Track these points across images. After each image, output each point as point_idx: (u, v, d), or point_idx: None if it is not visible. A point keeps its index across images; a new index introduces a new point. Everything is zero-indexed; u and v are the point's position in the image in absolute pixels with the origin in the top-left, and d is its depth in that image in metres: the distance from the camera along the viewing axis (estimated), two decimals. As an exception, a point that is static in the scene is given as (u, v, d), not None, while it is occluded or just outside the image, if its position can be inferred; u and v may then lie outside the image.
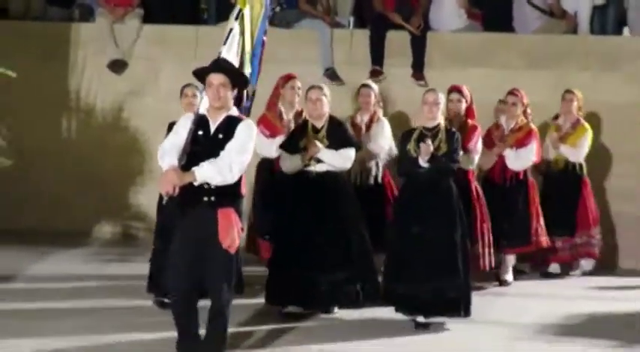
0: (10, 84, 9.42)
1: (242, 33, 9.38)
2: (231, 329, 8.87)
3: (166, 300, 9.87)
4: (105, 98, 15.12)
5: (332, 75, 14.80)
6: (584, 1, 15.86)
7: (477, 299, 11.27)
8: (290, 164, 10.37)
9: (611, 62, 15.02)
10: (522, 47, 15.32)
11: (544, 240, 12.76)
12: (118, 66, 15.15)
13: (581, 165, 13.33)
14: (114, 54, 15.18)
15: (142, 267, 11.10)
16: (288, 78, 11.84)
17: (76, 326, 9.90)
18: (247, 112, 9.57)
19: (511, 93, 12.70)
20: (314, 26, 15.46)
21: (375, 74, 14.68)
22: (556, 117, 13.50)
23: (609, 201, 14.65)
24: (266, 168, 11.85)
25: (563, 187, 13.23)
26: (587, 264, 13.49)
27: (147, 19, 15.48)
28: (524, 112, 12.76)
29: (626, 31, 16.09)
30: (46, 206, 14.70)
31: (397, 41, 15.21)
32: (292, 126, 11.40)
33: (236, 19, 9.38)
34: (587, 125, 13.39)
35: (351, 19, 15.91)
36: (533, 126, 12.62)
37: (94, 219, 14.56)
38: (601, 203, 14.41)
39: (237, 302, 10.59)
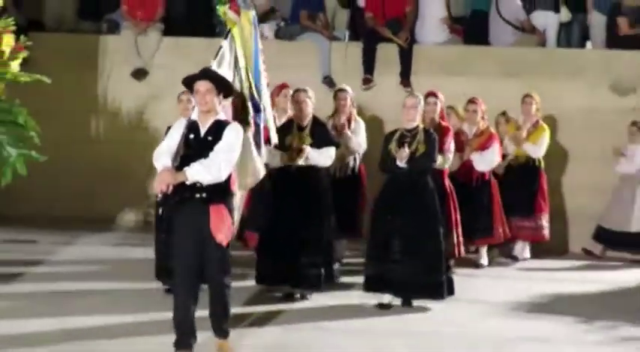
0: (46, 89, 9.39)
1: (233, 50, 9.42)
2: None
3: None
4: (129, 102, 15.14)
5: (329, 82, 14.83)
6: (551, 19, 15.95)
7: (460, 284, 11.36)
8: (274, 159, 10.26)
9: (575, 72, 15.07)
10: (497, 58, 15.36)
11: (507, 231, 12.91)
12: (140, 74, 15.18)
13: (539, 160, 13.41)
14: (137, 63, 15.20)
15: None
16: (282, 87, 11.69)
17: (94, 305, 9.95)
18: (262, 126, 9.68)
19: (471, 101, 12.73)
20: (314, 39, 15.48)
21: (367, 82, 14.79)
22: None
23: (564, 194, 14.78)
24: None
25: (523, 179, 13.28)
26: (522, 247, 13.61)
27: (166, 32, 15.50)
28: (483, 118, 12.77)
29: (588, 44, 16.17)
30: (77, 195, 14.71)
31: (387, 53, 15.23)
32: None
33: (225, 38, 9.43)
34: (545, 125, 13.48)
35: (347, 33, 15.86)
36: (492, 129, 12.69)
37: (119, 207, 14.59)
38: (557, 196, 14.56)
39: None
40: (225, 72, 8.97)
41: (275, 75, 12.25)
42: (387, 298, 10.10)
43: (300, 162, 10.13)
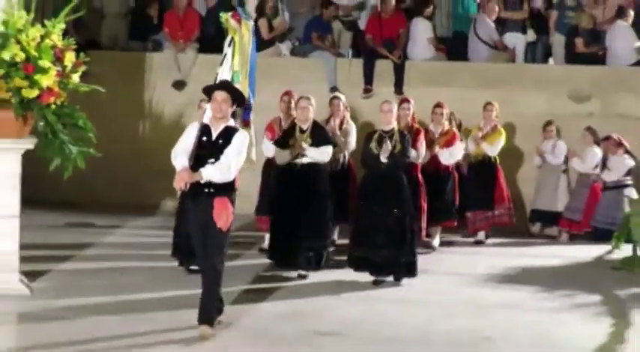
0: (101, 97, 9.45)
1: (232, 56, 9.25)
2: (235, 288, 9.14)
3: (192, 267, 9.84)
4: (169, 108, 15.15)
5: (334, 91, 14.61)
6: (520, 39, 15.98)
7: (424, 258, 11.35)
8: (280, 157, 10.25)
9: (539, 84, 15.04)
10: (474, 72, 15.32)
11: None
12: (179, 85, 15.22)
13: (495, 158, 13.34)
14: (176, 76, 15.26)
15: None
16: (285, 93, 11.66)
17: (115, 284, 9.88)
18: (248, 115, 9.52)
19: (437, 105, 12.63)
20: (323, 56, 15.44)
21: (367, 91, 14.77)
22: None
23: (519, 185, 14.76)
24: (267, 168, 11.61)
25: (482, 174, 13.20)
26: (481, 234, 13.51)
27: (201, 50, 15.54)
28: (449, 120, 12.70)
29: (551, 60, 16.15)
30: (128, 186, 14.78)
31: (383, 67, 15.21)
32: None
33: (229, 45, 9.29)
34: (502, 129, 13.41)
35: (350, 51, 15.86)
36: (455, 130, 12.58)
37: (162, 196, 14.59)
38: (527, 186, 14.61)
39: (243, 262, 10.78)
40: (227, 76, 8.85)
41: (291, 86, 12.41)
42: (369, 276, 10.04)
43: (303, 160, 10.06)
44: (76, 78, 9.36)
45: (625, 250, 12.25)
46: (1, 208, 9.35)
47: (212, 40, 14.84)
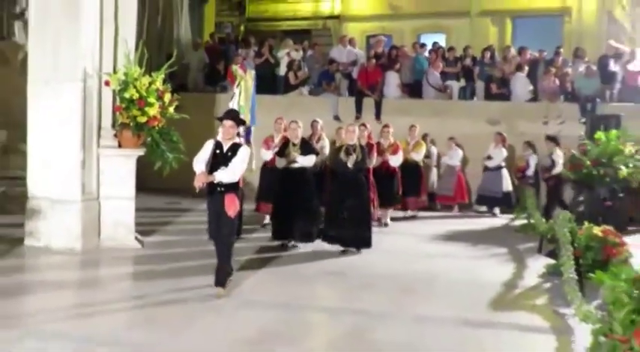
0: (187, 123, 9.45)
1: (239, 94, 9.24)
2: (244, 257, 8.73)
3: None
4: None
5: (336, 119, 14.71)
6: (455, 84, 16.10)
7: (392, 226, 11.58)
8: (279, 163, 9.91)
9: (468, 113, 15.00)
10: (427, 106, 15.24)
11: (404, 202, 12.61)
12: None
13: (419, 162, 12.92)
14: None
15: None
16: (278, 118, 11.13)
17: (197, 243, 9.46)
18: (249, 136, 9.68)
19: (385, 126, 12.27)
20: (329, 96, 15.44)
21: (357, 118, 14.54)
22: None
23: (469, 178, 14.63)
24: (265, 166, 11.12)
25: (412, 173, 12.69)
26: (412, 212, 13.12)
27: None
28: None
29: (475, 98, 16.08)
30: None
31: (368, 103, 15.19)
32: (278, 143, 10.58)
33: (236, 87, 9.29)
34: (422, 142, 13.09)
35: (347, 92, 15.89)
36: (398, 143, 12.13)
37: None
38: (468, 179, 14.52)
39: (253, 236, 10.33)
40: (236, 106, 8.72)
41: (308, 114, 12.31)
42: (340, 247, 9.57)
43: (295, 165, 9.66)
44: (171, 109, 9.39)
45: (522, 219, 12.17)
46: (124, 192, 9.42)
47: (258, 85, 14.88)
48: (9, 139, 12.47)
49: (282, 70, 16.27)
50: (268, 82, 15.70)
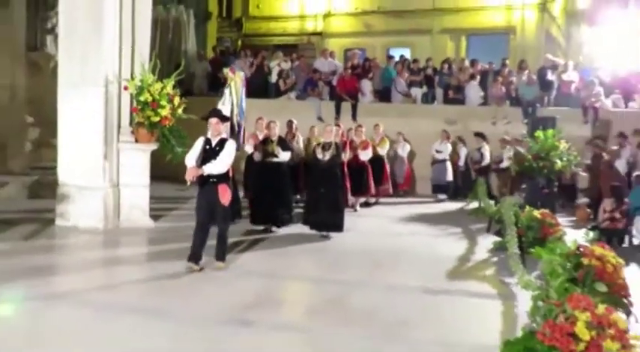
0: (193, 122, 9.37)
1: (230, 94, 8.87)
2: (238, 238, 8.47)
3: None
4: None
5: (320, 119, 14.56)
6: (419, 90, 15.94)
7: (364, 211, 11.48)
8: (257, 157, 9.53)
9: (429, 115, 15.00)
10: (394, 108, 15.15)
11: (372, 191, 12.23)
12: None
13: (383, 156, 12.69)
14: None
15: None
16: (259, 118, 10.51)
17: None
18: (241, 135, 9.22)
19: (359, 126, 12.19)
20: (313, 100, 15.32)
21: (336, 119, 14.46)
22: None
23: (423, 169, 14.53)
24: (250, 159, 10.34)
25: (377, 165, 12.37)
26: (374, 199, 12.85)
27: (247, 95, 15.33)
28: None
29: (435, 102, 15.99)
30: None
31: (346, 106, 15.04)
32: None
33: (226, 88, 8.90)
34: (386, 139, 12.86)
35: (328, 97, 15.80)
36: (368, 140, 11.99)
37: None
38: (423, 170, 14.45)
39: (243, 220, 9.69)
40: (227, 110, 8.39)
41: (295, 116, 12.25)
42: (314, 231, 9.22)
43: (274, 159, 9.32)
44: (180, 111, 9.38)
45: (474, 204, 12.19)
46: (140, 181, 9.39)
47: (254, 90, 14.83)
48: (41, 135, 12.48)
49: (273, 78, 16.12)
50: (261, 88, 15.57)
